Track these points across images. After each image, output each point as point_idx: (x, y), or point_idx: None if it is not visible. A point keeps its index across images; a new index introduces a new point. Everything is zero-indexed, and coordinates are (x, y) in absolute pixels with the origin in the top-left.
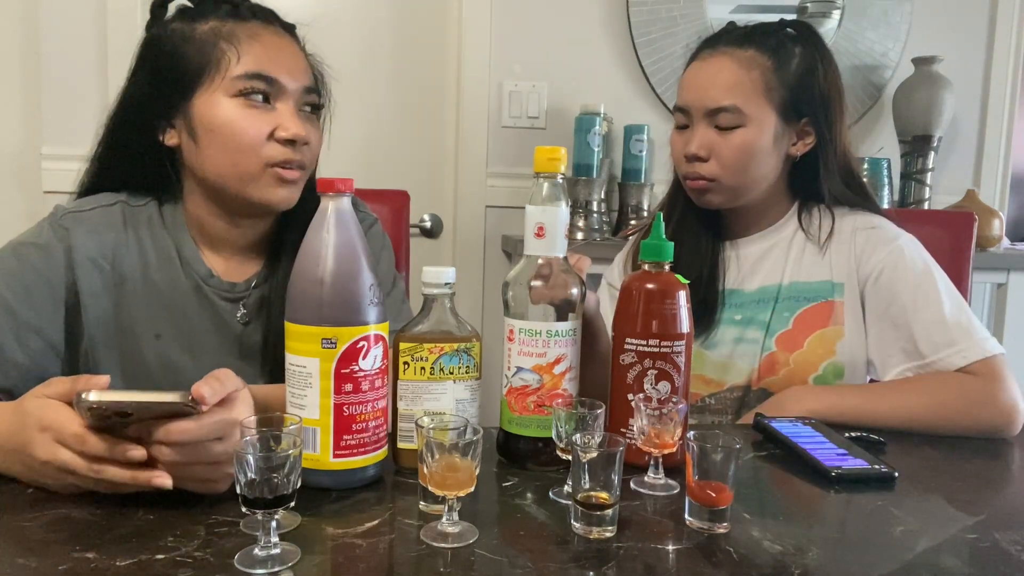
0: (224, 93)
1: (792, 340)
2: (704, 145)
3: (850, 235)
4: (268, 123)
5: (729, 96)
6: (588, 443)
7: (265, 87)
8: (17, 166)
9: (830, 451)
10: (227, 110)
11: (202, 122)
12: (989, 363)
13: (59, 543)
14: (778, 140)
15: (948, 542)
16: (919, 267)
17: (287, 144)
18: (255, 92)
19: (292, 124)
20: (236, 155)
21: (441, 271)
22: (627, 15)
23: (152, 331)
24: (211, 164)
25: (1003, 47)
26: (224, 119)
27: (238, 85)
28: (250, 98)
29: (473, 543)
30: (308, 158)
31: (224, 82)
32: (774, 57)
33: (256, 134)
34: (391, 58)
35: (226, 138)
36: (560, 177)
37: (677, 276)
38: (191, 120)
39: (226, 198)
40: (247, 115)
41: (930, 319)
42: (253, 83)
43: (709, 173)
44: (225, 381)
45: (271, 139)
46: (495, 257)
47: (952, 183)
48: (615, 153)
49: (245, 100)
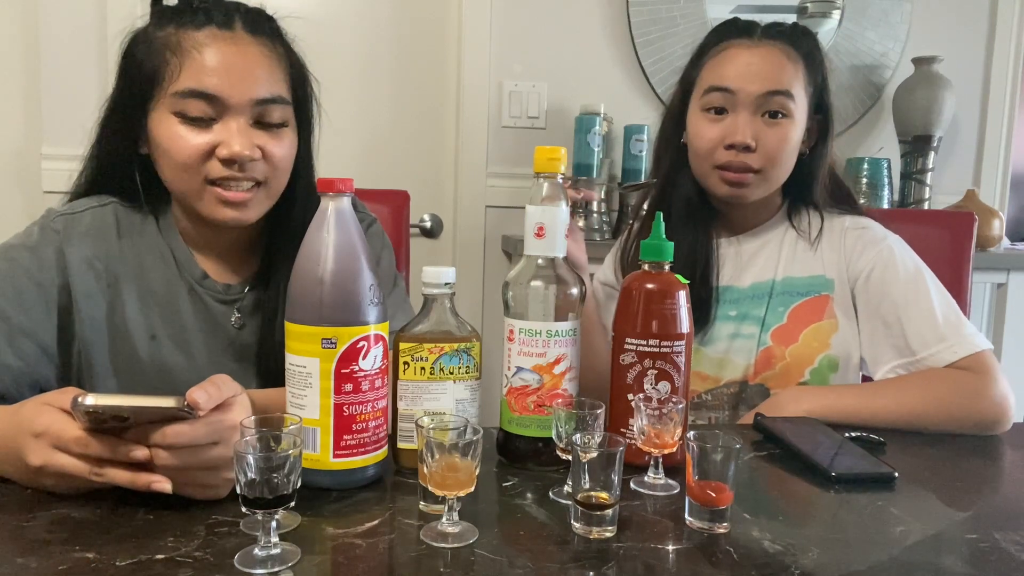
0: (167, 109)
1: (787, 334)
2: (754, 134)
3: (840, 233)
4: (207, 141)
5: (786, 82)
6: (588, 443)
7: (203, 105)
8: (17, 166)
9: (830, 451)
10: (167, 127)
11: (153, 137)
12: (979, 358)
13: (59, 543)
14: (803, 135)
15: (948, 542)
16: (909, 266)
17: (228, 163)
18: (193, 113)
19: (235, 142)
20: (178, 172)
21: (441, 271)
22: (627, 15)
23: (147, 332)
24: (167, 176)
25: (1003, 47)
26: (165, 136)
27: (178, 104)
28: (187, 116)
29: (473, 543)
30: (266, 174)
31: (166, 98)
32: (806, 56)
33: (192, 153)
34: (391, 58)
35: (167, 155)
36: (560, 177)
37: (677, 276)
38: (148, 132)
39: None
40: (184, 133)
41: (920, 316)
42: (190, 101)
43: (758, 164)
44: (222, 386)
45: (212, 157)
46: (495, 257)
47: (952, 183)
48: (615, 153)
49: (182, 118)
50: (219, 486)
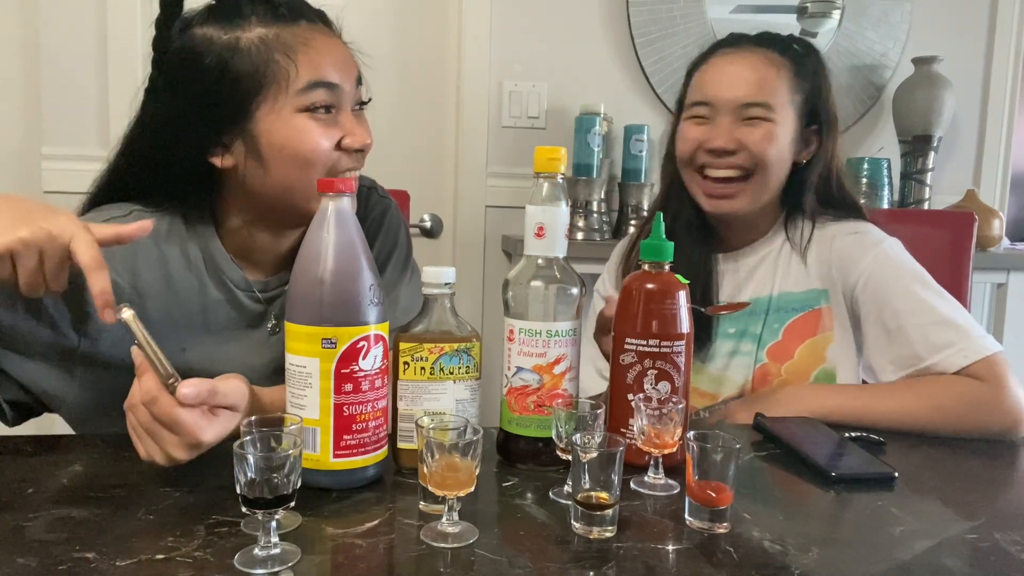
0: (291, 109)
1: (783, 351)
2: (732, 138)
3: (830, 242)
4: (335, 134)
5: (761, 92)
6: (588, 443)
7: (328, 97)
8: (17, 166)
9: (830, 451)
10: (295, 126)
11: (269, 141)
12: (990, 363)
13: (59, 543)
14: (794, 142)
15: (948, 542)
16: (908, 269)
17: (355, 153)
18: (323, 103)
19: (358, 132)
20: (306, 170)
21: (441, 271)
22: (627, 15)
23: (177, 346)
24: (278, 181)
25: (1003, 47)
26: (292, 135)
27: (305, 98)
28: (316, 111)
29: (473, 543)
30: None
31: (289, 98)
32: (794, 62)
33: (328, 147)
34: (391, 58)
35: (295, 154)
36: (560, 177)
37: (677, 276)
38: (255, 140)
39: (282, 212)
40: (316, 129)
41: (926, 322)
42: (319, 94)
43: (747, 163)
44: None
45: (338, 149)
46: (495, 257)
47: (952, 183)
48: (615, 153)
49: (312, 114)
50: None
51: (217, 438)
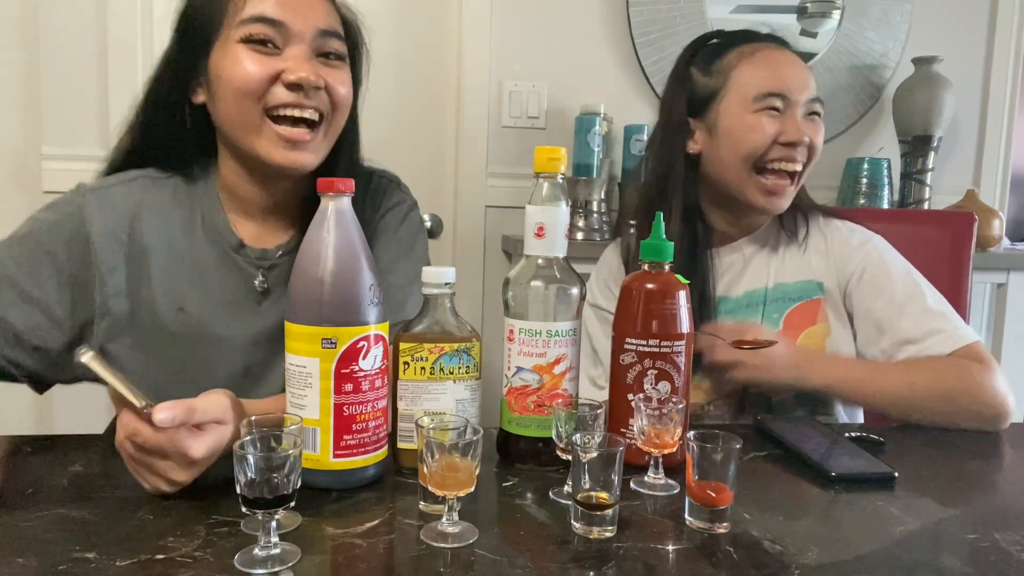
0: (232, 40)
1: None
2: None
3: (826, 236)
4: (273, 66)
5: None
6: (588, 443)
7: (269, 30)
8: (17, 166)
9: (830, 451)
10: (232, 56)
11: (215, 71)
12: (976, 349)
13: (59, 543)
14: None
15: (948, 542)
16: (899, 264)
17: (293, 88)
18: (260, 36)
19: (301, 68)
20: (240, 101)
21: (441, 271)
22: (627, 15)
23: (174, 305)
24: (223, 114)
25: (1003, 47)
26: (227, 65)
27: (243, 30)
28: (255, 43)
29: (473, 543)
30: (326, 108)
31: (232, 29)
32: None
33: (256, 77)
34: (391, 58)
35: (230, 82)
36: (560, 177)
37: (677, 276)
38: (209, 72)
39: (243, 153)
40: (251, 58)
41: (917, 311)
42: (257, 27)
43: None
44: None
45: (276, 83)
46: (495, 257)
47: (952, 183)
48: (615, 153)
49: (250, 45)
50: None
51: (210, 452)
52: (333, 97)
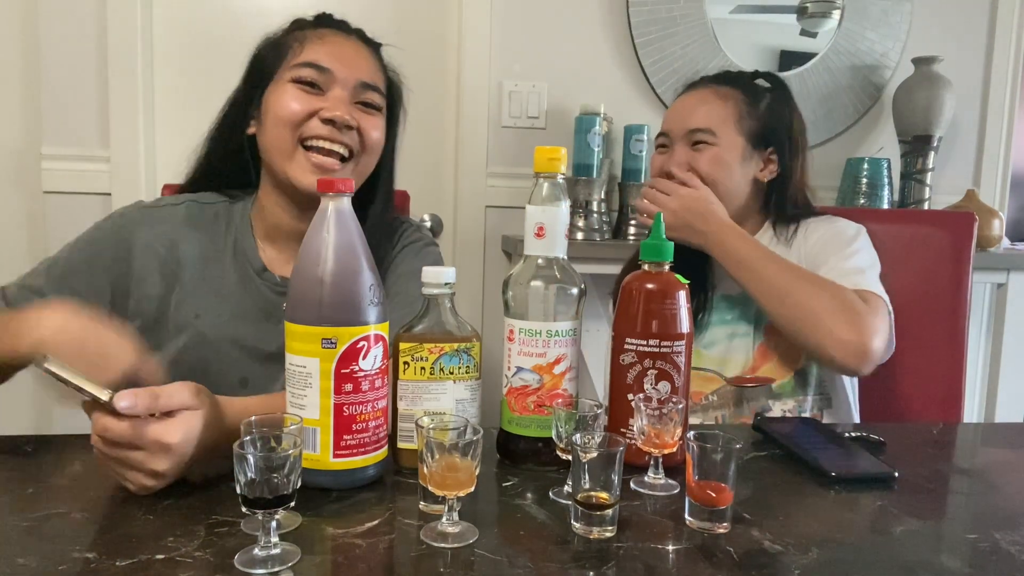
0: (286, 80)
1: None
2: (682, 163)
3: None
4: (314, 104)
5: (706, 120)
6: (588, 443)
7: (317, 75)
8: (17, 166)
9: (830, 451)
10: (281, 92)
11: (266, 105)
12: (875, 297)
13: (59, 543)
14: (745, 161)
15: (948, 542)
16: (849, 232)
17: (327, 123)
18: (309, 79)
19: (336, 107)
20: (279, 129)
21: (441, 271)
22: (627, 15)
23: (193, 310)
24: (266, 142)
25: (1003, 47)
26: (276, 100)
27: (295, 72)
28: (303, 83)
29: (473, 543)
30: (356, 147)
31: (287, 70)
32: (747, 94)
33: (299, 110)
34: (391, 58)
35: (275, 113)
36: (560, 177)
37: (677, 276)
38: (262, 105)
39: (281, 182)
40: (296, 96)
41: (840, 266)
42: (307, 71)
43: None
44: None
45: (314, 118)
46: (495, 257)
47: (952, 183)
48: (615, 153)
49: (299, 85)
50: (133, 484)
51: (186, 438)
52: (364, 139)
